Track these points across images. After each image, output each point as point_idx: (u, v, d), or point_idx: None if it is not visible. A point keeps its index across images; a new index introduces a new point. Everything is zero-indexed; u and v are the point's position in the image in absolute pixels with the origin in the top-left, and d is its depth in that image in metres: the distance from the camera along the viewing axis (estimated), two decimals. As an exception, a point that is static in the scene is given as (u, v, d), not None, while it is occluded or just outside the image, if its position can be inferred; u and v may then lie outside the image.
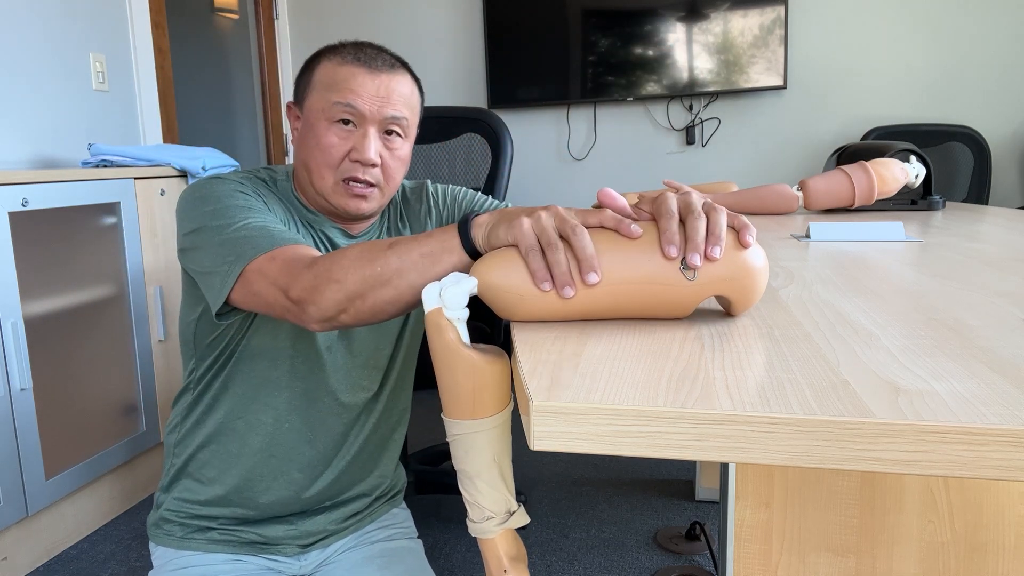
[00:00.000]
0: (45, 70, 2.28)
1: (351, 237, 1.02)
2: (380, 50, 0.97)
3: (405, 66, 0.98)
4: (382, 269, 0.71)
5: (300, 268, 0.76)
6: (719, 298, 0.63)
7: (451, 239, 0.69)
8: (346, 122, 0.93)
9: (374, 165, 0.94)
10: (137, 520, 2.07)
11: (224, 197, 0.88)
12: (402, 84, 0.96)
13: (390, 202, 1.09)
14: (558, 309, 0.63)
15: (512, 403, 0.68)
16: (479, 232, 0.67)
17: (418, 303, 0.74)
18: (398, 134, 0.96)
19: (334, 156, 0.93)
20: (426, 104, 3.56)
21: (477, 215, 0.70)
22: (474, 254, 0.69)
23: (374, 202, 0.96)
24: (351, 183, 0.94)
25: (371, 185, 0.95)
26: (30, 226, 1.80)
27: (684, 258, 0.59)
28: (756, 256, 0.61)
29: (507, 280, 0.63)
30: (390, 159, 0.96)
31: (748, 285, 0.61)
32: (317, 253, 0.80)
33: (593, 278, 0.59)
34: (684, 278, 0.60)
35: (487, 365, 0.64)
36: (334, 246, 1.00)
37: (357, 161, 0.93)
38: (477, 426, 0.67)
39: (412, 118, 0.99)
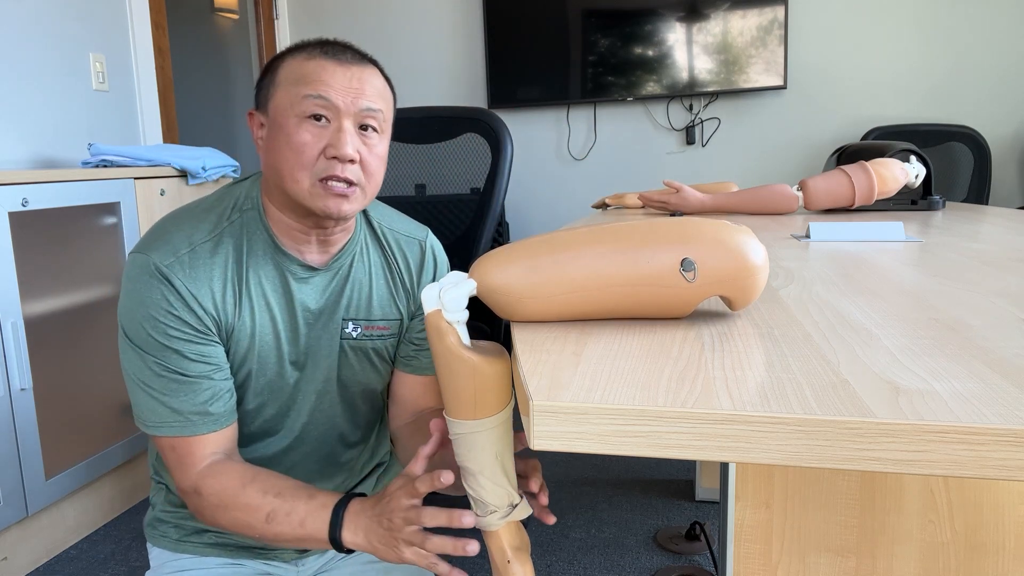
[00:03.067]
0: (45, 70, 2.28)
1: (313, 270, 0.95)
2: (347, 46, 0.91)
3: (374, 62, 0.93)
4: (260, 536, 0.86)
5: (188, 485, 0.89)
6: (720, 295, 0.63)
7: (322, 533, 0.83)
8: (318, 117, 0.86)
9: (352, 161, 0.87)
10: (137, 520, 2.07)
11: (145, 321, 0.87)
12: (374, 76, 0.90)
13: (367, 236, 1.02)
14: (559, 310, 0.63)
15: (513, 400, 0.69)
16: (350, 537, 0.83)
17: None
18: (374, 129, 0.90)
19: (308, 155, 0.85)
20: (426, 104, 3.56)
21: (344, 518, 0.83)
22: (339, 548, 0.83)
23: (356, 203, 0.89)
24: (330, 182, 0.86)
25: (351, 184, 0.88)
26: (30, 226, 1.80)
27: (684, 260, 0.59)
28: (756, 254, 0.61)
29: (507, 282, 0.62)
30: (368, 155, 0.89)
31: (748, 284, 0.61)
32: (205, 454, 0.89)
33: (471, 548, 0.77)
34: (684, 280, 0.60)
35: (488, 367, 0.64)
36: (289, 294, 0.94)
37: (335, 158, 0.86)
38: (479, 426, 0.67)
39: (387, 113, 0.92)
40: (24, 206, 1.76)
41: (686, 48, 3.15)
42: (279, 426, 0.99)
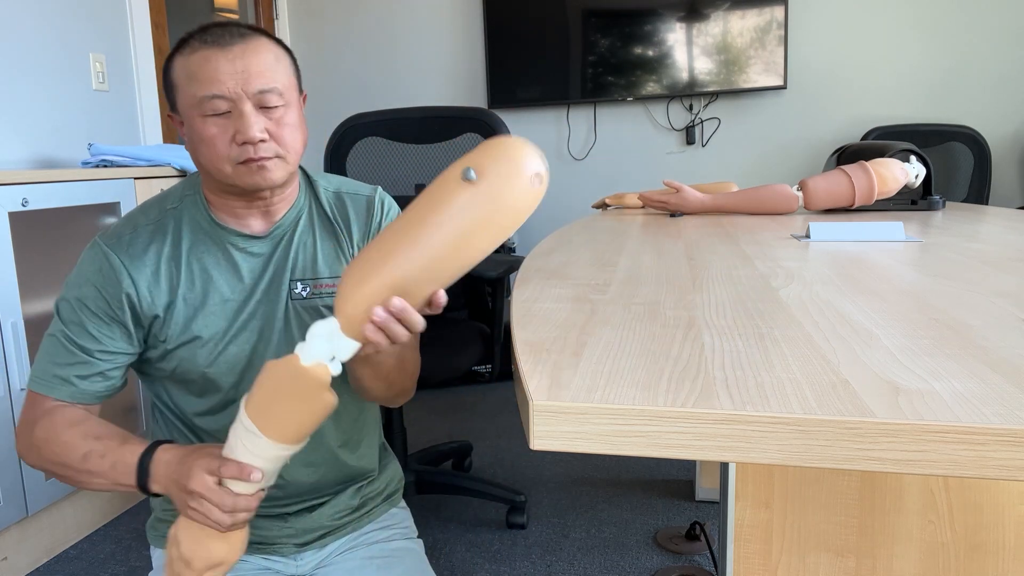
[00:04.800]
0: (45, 70, 2.28)
1: (254, 238, 0.99)
2: (227, 25, 0.92)
3: (260, 31, 0.94)
4: (73, 476, 0.90)
5: (28, 423, 0.94)
6: None
7: (130, 479, 0.87)
8: (219, 112, 0.90)
9: (262, 141, 0.90)
10: (137, 520, 2.07)
11: (74, 288, 0.96)
12: (260, 51, 0.91)
13: (313, 204, 1.05)
14: (425, 286, 0.73)
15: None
16: (157, 486, 0.87)
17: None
18: (275, 104, 0.91)
19: (220, 147, 0.90)
20: (426, 104, 3.56)
21: (151, 467, 0.87)
22: (148, 493, 0.88)
23: (280, 170, 0.93)
24: (248, 163, 0.91)
25: (268, 158, 0.92)
26: (30, 226, 1.80)
27: (464, 169, 0.70)
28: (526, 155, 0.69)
29: (368, 300, 0.73)
30: (277, 129, 0.91)
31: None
32: (52, 408, 0.95)
33: (256, 475, 0.80)
34: (472, 184, 0.70)
35: (334, 403, 0.77)
36: (234, 265, 0.98)
37: (245, 143, 0.89)
38: (288, 450, 0.79)
39: (286, 81, 0.94)
40: (24, 206, 1.76)
41: (686, 48, 3.15)
42: (240, 398, 1.00)
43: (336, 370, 0.75)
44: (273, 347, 1.00)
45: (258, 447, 0.77)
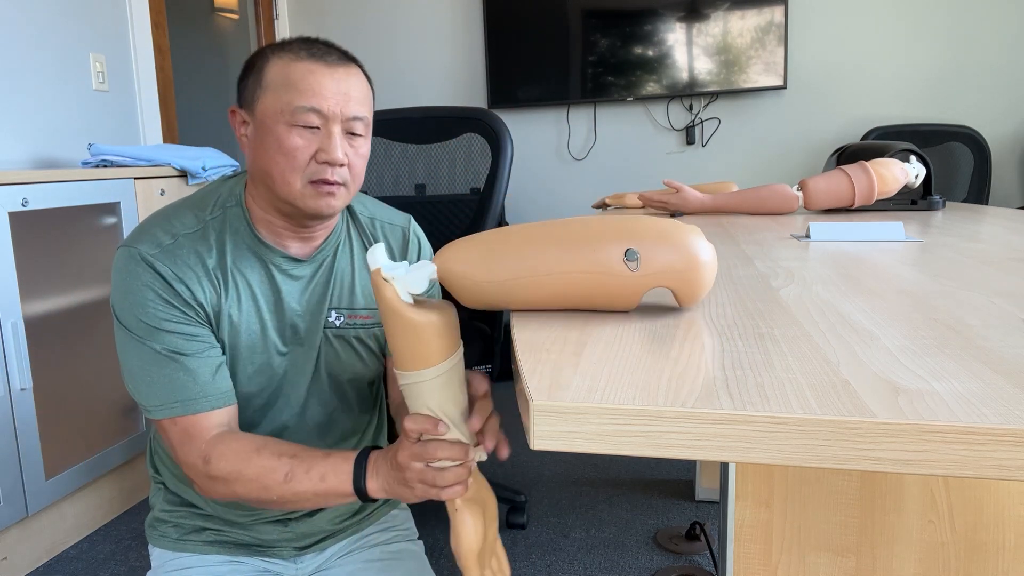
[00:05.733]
0: (45, 70, 2.28)
1: (297, 261, 0.97)
2: (329, 45, 0.93)
3: (355, 61, 0.95)
4: (278, 498, 0.85)
5: (196, 458, 0.88)
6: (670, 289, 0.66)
7: (345, 485, 0.84)
8: (308, 125, 0.90)
9: (342, 165, 0.91)
10: (137, 520, 2.07)
11: (135, 307, 0.89)
12: (359, 80, 0.93)
13: (351, 227, 1.05)
14: (513, 296, 0.66)
15: (457, 353, 0.73)
16: (374, 485, 0.83)
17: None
18: (359, 133, 0.93)
19: (300, 159, 0.89)
20: (426, 104, 3.56)
21: (367, 467, 0.84)
22: (364, 496, 0.84)
23: (342, 200, 0.93)
24: (320, 184, 0.90)
25: (339, 184, 0.92)
26: (30, 226, 1.80)
27: (627, 250, 0.63)
28: (700, 251, 0.64)
29: (466, 268, 0.66)
30: (355, 157, 0.93)
31: (693, 278, 0.64)
32: (211, 425, 0.89)
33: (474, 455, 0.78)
34: (627, 269, 0.63)
35: (422, 319, 0.68)
36: (275, 286, 0.96)
37: (325, 162, 0.90)
38: (419, 376, 0.72)
39: (370, 117, 0.96)
40: (24, 206, 1.76)
41: (686, 48, 3.15)
42: (269, 416, 1.00)
43: (410, 287, 0.68)
44: (306, 375, 0.99)
45: (408, 385, 0.73)
